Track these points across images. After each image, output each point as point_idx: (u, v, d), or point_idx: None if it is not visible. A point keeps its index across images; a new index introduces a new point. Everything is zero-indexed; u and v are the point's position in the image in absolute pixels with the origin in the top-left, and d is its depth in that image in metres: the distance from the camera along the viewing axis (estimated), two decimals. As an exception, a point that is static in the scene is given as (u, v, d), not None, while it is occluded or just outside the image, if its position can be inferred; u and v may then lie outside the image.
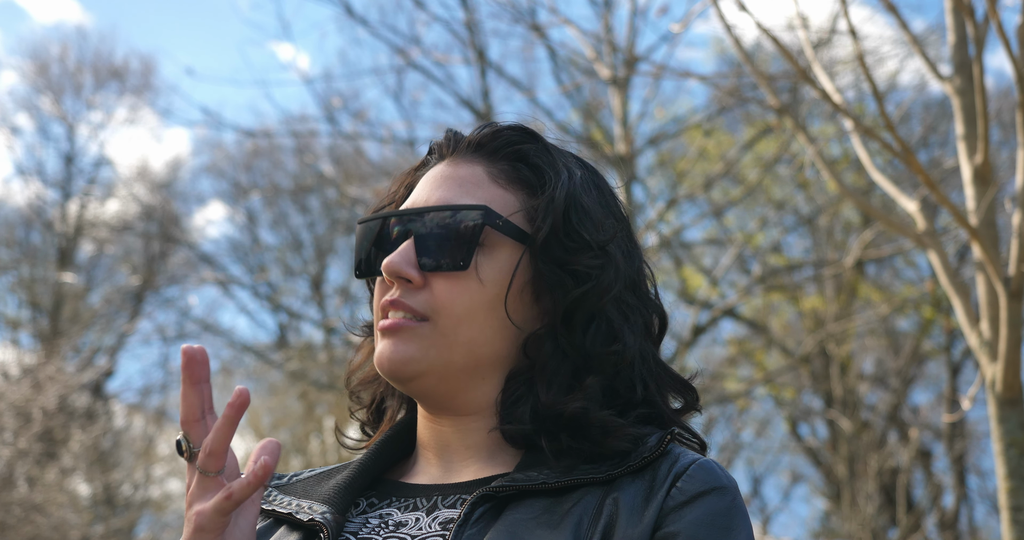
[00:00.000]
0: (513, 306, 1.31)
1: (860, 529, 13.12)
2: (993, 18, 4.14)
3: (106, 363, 17.55)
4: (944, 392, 15.84)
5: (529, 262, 1.32)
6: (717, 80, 8.19)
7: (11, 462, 11.90)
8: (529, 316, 1.32)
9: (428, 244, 1.31)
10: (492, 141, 1.38)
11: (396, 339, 1.29)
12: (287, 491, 1.36)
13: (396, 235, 1.33)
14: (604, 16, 11.53)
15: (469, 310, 1.29)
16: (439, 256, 1.30)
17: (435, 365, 1.29)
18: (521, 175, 1.36)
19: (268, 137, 15.30)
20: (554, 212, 1.32)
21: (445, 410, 1.33)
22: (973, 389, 4.83)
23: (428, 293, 1.30)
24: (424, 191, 1.36)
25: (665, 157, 14.48)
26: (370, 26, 12.29)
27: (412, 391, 1.32)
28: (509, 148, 1.37)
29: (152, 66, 19.99)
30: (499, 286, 1.31)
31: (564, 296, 1.30)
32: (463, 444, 1.33)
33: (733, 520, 1.21)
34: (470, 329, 1.29)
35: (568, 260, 1.31)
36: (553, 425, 1.27)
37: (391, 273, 1.30)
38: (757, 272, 14.71)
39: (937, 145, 15.54)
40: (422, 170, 1.42)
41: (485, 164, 1.37)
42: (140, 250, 19.60)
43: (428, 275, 1.30)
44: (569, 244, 1.32)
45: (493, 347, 1.31)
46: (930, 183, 4.38)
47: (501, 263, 1.31)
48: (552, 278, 1.30)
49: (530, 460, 1.27)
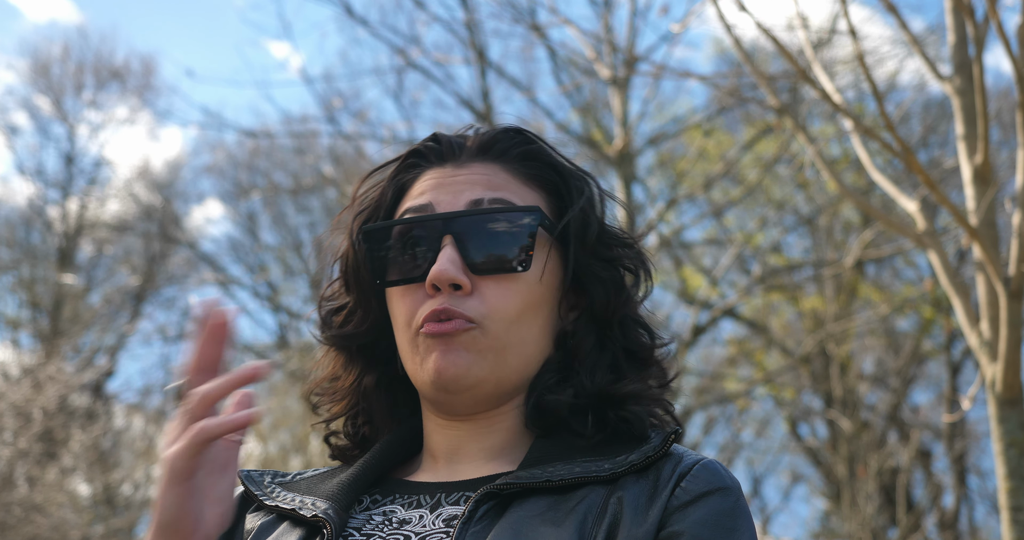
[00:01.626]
0: (552, 304, 1.32)
1: (860, 529, 13.12)
2: (993, 18, 4.14)
3: (106, 363, 17.54)
4: (944, 392, 15.84)
5: (577, 259, 1.33)
6: (717, 80, 8.19)
7: (11, 462, 11.90)
8: (568, 312, 1.35)
9: (475, 245, 1.28)
10: (498, 142, 1.37)
11: (452, 347, 1.26)
12: (290, 488, 1.36)
13: (433, 239, 1.29)
14: (604, 16, 11.53)
15: (520, 312, 1.29)
16: (491, 259, 1.28)
17: (495, 371, 1.28)
18: (539, 174, 1.36)
19: (269, 137, 15.31)
20: (593, 210, 1.34)
21: (476, 414, 1.32)
22: (973, 389, 4.83)
23: (478, 298, 1.27)
24: (444, 194, 1.32)
25: (665, 157, 14.49)
26: (370, 26, 12.30)
27: (462, 401, 1.30)
28: (517, 149, 1.37)
29: (152, 67, 20.01)
30: (547, 285, 1.32)
31: (607, 291, 1.33)
32: (477, 446, 1.33)
33: (737, 521, 1.21)
34: (520, 330, 1.29)
35: (611, 256, 1.34)
36: (603, 401, 1.29)
37: (444, 280, 1.26)
38: (757, 272, 14.72)
39: (937, 145, 15.55)
40: (406, 174, 1.38)
41: (500, 165, 1.35)
42: (140, 250, 19.61)
43: (476, 278, 1.28)
44: (609, 241, 1.35)
45: (539, 345, 1.31)
46: (930, 183, 4.38)
47: (546, 262, 1.32)
48: (597, 274, 1.33)
49: (535, 457, 1.27)
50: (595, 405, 1.30)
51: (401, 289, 1.31)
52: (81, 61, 19.52)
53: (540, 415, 1.31)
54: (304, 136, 15.46)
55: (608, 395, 1.30)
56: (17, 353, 16.59)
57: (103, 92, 19.62)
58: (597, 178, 1.42)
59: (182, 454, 1.11)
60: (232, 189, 19.70)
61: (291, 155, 17.74)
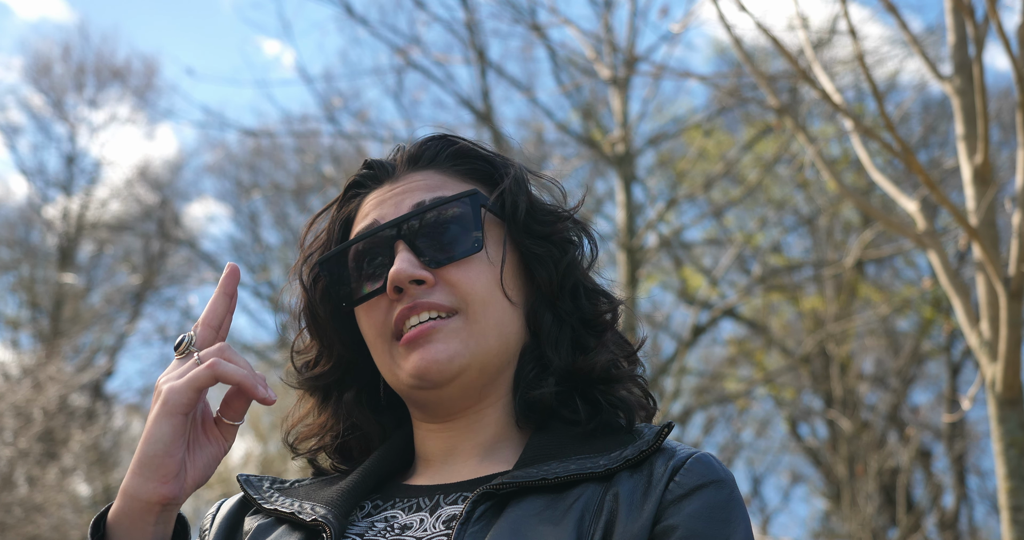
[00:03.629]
0: (511, 284, 1.34)
1: (860, 529, 13.12)
2: (993, 18, 4.14)
3: (106, 363, 17.54)
4: (944, 392, 15.84)
5: (514, 239, 1.36)
6: (717, 80, 8.19)
7: (11, 462, 11.90)
8: (527, 292, 1.37)
9: (427, 242, 1.32)
10: (426, 150, 1.41)
11: (432, 342, 1.29)
12: (289, 494, 1.37)
13: (386, 250, 1.32)
14: (604, 16, 11.53)
15: (489, 290, 1.32)
16: (445, 248, 1.31)
17: (477, 356, 1.30)
18: (472, 168, 1.40)
19: (270, 137, 15.31)
20: (522, 190, 1.38)
21: (465, 409, 1.33)
22: (973, 389, 4.83)
23: (444, 288, 1.30)
24: (387, 208, 1.36)
25: (665, 157, 14.48)
26: (370, 26, 12.31)
27: (450, 394, 1.31)
28: (446, 151, 1.41)
29: (154, 67, 20.01)
30: (509, 266, 1.35)
31: (555, 266, 1.35)
32: (471, 442, 1.34)
33: (731, 512, 1.22)
34: (496, 310, 1.32)
35: (549, 232, 1.37)
36: (583, 382, 1.32)
37: (403, 279, 1.29)
38: (757, 272, 14.72)
39: (937, 145, 15.54)
40: (348, 206, 1.42)
41: (433, 169, 1.40)
42: (140, 250, 19.60)
43: (437, 272, 1.31)
44: (544, 218, 1.38)
45: (514, 326, 1.34)
46: (930, 183, 4.38)
47: (503, 243, 1.35)
48: (540, 250, 1.36)
49: (530, 455, 1.27)
50: (578, 388, 1.33)
51: (368, 306, 1.34)
52: (82, 61, 19.53)
53: (531, 412, 1.33)
54: (304, 136, 15.46)
55: (578, 370, 1.33)
56: (17, 353, 16.59)
57: (104, 92, 19.64)
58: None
59: (184, 388, 1.16)
60: (233, 189, 19.72)
61: (292, 155, 17.75)
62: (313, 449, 1.43)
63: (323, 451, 1.43)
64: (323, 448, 1.43)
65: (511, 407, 1.35)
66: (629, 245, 11.02)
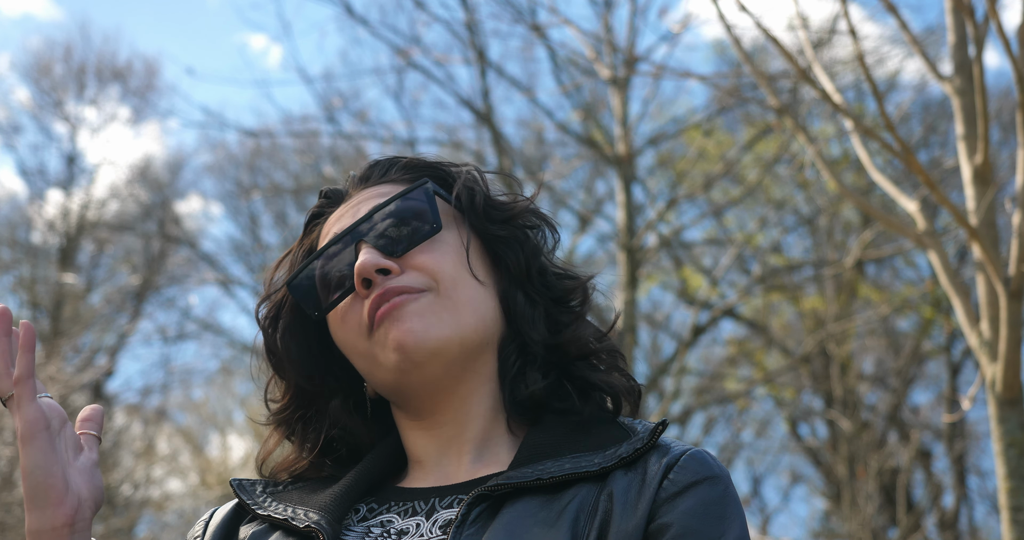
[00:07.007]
0: (478, 264, 1.36)
1: (860, 529, 13.12)
2: (993, 18, 4.14)
3: (106, 363, 17.53)
4: (944, 392, 15.84)
5: (474, 225, 1.38)
6: (717, 80, 8.19)
7: (11, 462, 11.89)
8: (496, 276, 1.38)
9: (387, 239, 1.34)
10: (376, 168, 1.45)
11: (406, 317, 1.29)
12: (282, 498, 1.36)
13: (349, 254, 1.34)
14: (604, 16, 11.53)
15: (457, 269, 1.33)
16: (405, 236, 1.33)
17: (455, 330, 1.30)
18: (422, 175, 1.43)
19: (270, 137, 15.31)
20: (476, 182, 1.41)
21: (450, 396, 1.33)
22: (973, 389, 4.83)
23: (412, 272, 1.32)
24: (345, 220, 1.39)
25: (665, 157, 14.48)
26: (370, 26, 12.30)
27: (432, 371, 1.31)
28: (395, 165, 1.44)
29: (155, 67, 20.00)
30: (474, 253, 1.37)
31: (520, 247, 1.38)
32: (462, 440, 1.33)
33: (726, 509, 1.22)
34: (466, 287, 1.33)
35: (508, 217, 1.39)
36: (565, 359, 1.35)
37: (369, 269, 1.30)
38: (757, 272, 14.72)
39: (937, 145, 15.55)
40: (309, 236, 1.45)
41: (385, 183, 1.43)
42: (140, 250, 19.60)
43: (402, 260, 1.32)
44: (502, 205, 1.41)
45: (487, 305, 1.35)
46: (930, 183, 4.38)
47: (455, 228, 1.38)
48: (503, 232, 1.38)
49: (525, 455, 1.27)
50: (562, 367, 1.35)
51: (341, 313, 1.34)
52: (83, 61, 19.53)
53: (523, 410, 1.33)
54: (304, 136, 15.46)
55: (558, 346, 1.35)
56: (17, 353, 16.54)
57: (104, 92, 19.64)
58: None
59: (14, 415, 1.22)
60: (233, 189, 19.72)
61: (292, 155, 17.74)
62: (293, 473, 1.44)
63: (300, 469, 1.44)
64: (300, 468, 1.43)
65: (498, 399, 1.35)
66: (629, 245, 11.02)
